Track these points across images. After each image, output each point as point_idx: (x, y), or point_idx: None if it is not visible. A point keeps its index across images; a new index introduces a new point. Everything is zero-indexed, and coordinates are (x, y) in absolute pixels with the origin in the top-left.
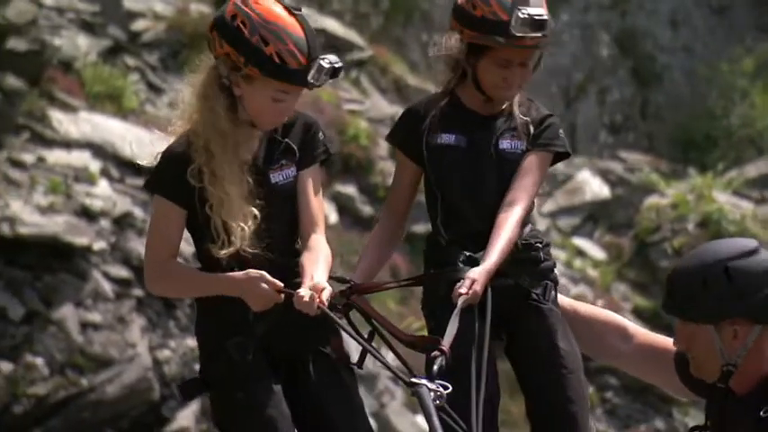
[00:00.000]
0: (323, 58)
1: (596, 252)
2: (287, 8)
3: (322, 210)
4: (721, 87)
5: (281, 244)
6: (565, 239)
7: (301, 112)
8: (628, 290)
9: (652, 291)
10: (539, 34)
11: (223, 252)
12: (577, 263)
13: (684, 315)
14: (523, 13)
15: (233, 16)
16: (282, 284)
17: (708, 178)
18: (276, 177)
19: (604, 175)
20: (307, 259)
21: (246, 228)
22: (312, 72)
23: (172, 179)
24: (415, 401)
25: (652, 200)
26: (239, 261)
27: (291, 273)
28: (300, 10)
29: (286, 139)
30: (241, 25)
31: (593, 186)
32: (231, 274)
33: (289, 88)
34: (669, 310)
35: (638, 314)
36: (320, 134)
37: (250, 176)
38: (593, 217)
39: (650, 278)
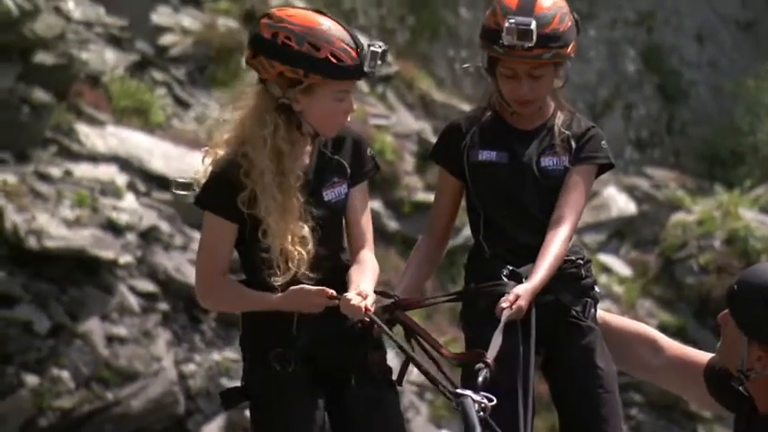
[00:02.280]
0: (371, 45)
1: (622, 268)
2: (317, 11)
3: (370, 225)
4: (747, 103)
5: (329, 260)
6: (591, 256)
7: (349, 128)
8: (653, 306)
9: (678, 307)
10: (527, 44)
11: (282, 279)
12: (603, 279)
13: (733, 311)
14: (510, 22)
15: (274, 35)
16: (333, 291)
17: (734, 195)
18: (329, 195)
19: (630, 191)
20: (355, 271)
21: (304, 252)
22: (367, 61)
23: (224, 196)
24: (440, 416)
25: (678, 216)
26: (291, 284)
27: (336, 288)
28: (326, 11)
29: (336, 156)
30: (286, 41)
31: (620, 203)
32: (276, 294)
33: (349, 84)
34: (728, 296)
35: (664, 330)
36: (369, 150)
37: (302, 194)
38: (619, 233)
39: (676, 295)
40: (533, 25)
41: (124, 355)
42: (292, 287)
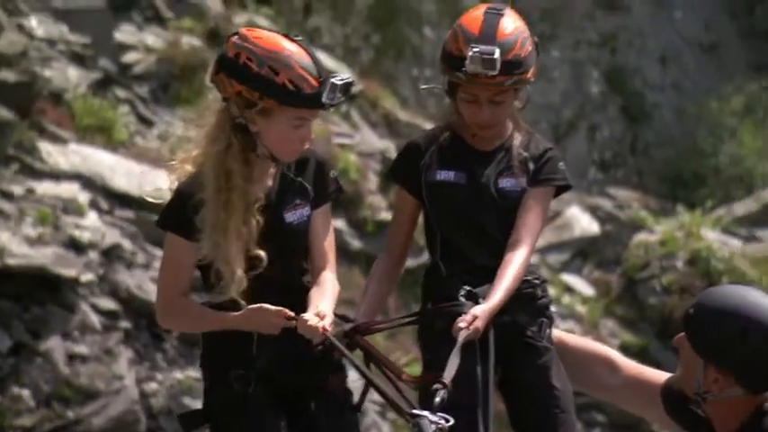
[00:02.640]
0: (334, 76)
1: (585, 288)
2: (286, 36)
3: (333, 247)
4: (710, 125)
5: (289, 282)
6: (553, 276)
7: (313, 150)
8: (616, 326)
9: (640, 327)
10: (491, 72)
11: (222, 298)
12: (566, 299)
13: (688, 333)
14: (474, 51)
15: (236, 55)
16: (291, 312)
17: (696, 216)
18: (290, 217)
19: (593, 211)
20: (314, 292)
21: (243, 274)
22: (326, 92)
23: (184, 216)
24: None
25: (641, 237)
26: (236, 304)
27: (298, 310)
28: (299, 37)
29: (299, 178)
30: (247, 61)
31: (583, 223)
32: (234, 313)
33: (306, 113)
34: (684, 319)
35: (626, 350)
36: (332, 172)
37: (261, 216)
38: (582, 253)
39: (638, 315)
40: (497, 54)
41: (85, 373)
42: (251, 306)
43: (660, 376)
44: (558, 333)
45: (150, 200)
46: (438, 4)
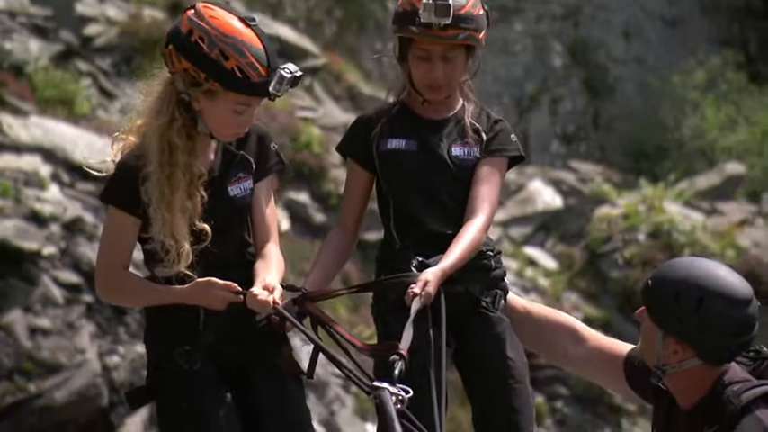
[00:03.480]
0: (283, 68)
1: (548, 262)
2: (242, 20)
3: (276, 220)
4: (673, 99)
5: (233, 255)
6: (516, 249)
7: (255, 123)
8: (579, 299)
9: (603, 300)
10: (444, 20)
11: (168, 272)
12: (529, 272)
13: (648, 306)
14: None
15: (189, 31)
16: (237, 286)
17: (659, 189)
18: (234, 191)
19: (556, 184)
20: (260, 266)
21: (189, 248)
22: (273, 83)
23: (127, 191)
24: (365, 409)
25: (603, 210)
26: (186, 279)
27: (242, 284)
28: (255, 20)
29: (241, 152)
30: (199, 41)
31: (545, 196)
32: (180, 287)
33: (250, 100)
34: (642, 292)
35: (589, 324)
36: (273, 145)
37: (205, 190)
38: (545, 227)
39: (601, 288)
40: (450, 1)
41: (47, 346)
42: (198, 279)
43: (624, 347)
44: (522, 302)
45: (91, 171)
46: None
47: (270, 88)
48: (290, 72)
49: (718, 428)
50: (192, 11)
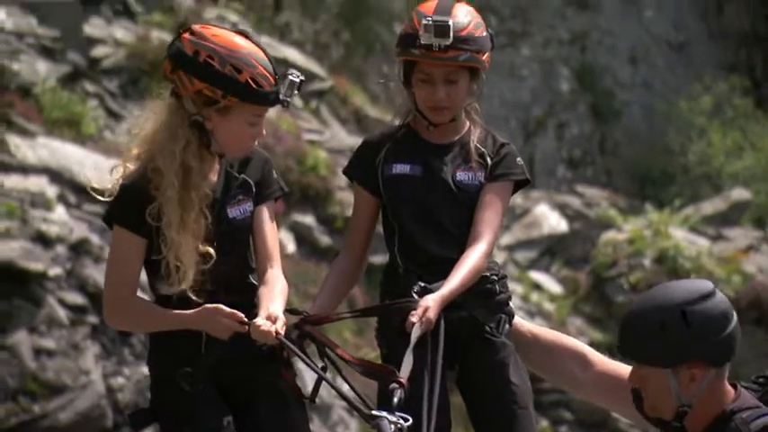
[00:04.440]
0: (290, 73)
1: (553, 286)
2: (240, 34)
3: (277, 244)
4: (679, 124)
5: (235, 279)
6: (522, 273)
7: (256, 148)
8: (584, 324)
9: (608, 325)
10: (444, 42)
11: (172, 291)
12: (534, 297)
13: (640, 359)
14: (426, 20)
15: (196, 53)
16: (243, 315)
17: (664, 214)
18: (234, 212)
19: (562, 209)
20: (264, 292)
21: (195, 269)
22: (284, 89)
23: (132, 211)
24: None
25: (609, 235)
26: (188, 299)
27: (244, 308)
28: (249, 32)
29: (243, 175)
30: (209, 59)
31: (551, 220)
32: (188, 312)
33: (263, 111)
34: (623, 352)
35: (594, 348)
36: (274, 172)
37: (210, 212)
38: (551, 251)
39: (606, 313)
40: (450, 22)
41: (52, 367)
42: (207, 305)
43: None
44: (529, 326)
45: (95, 195)
46: (407, 0)
47: (281, 95)
48: (297, 76)
49: None
50: (189, 33)
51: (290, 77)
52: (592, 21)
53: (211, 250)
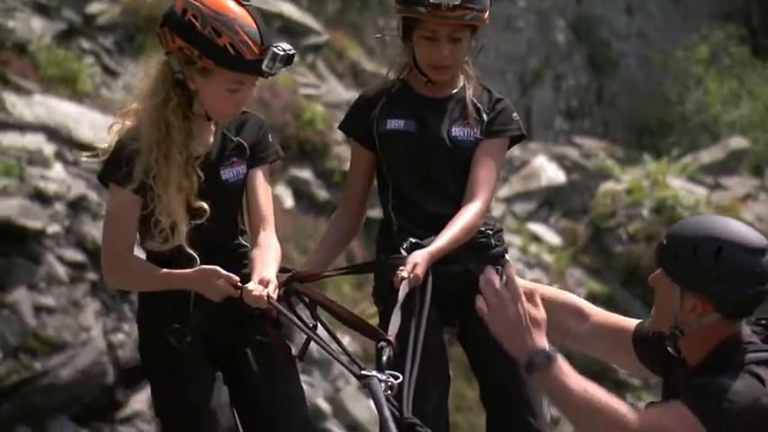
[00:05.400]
0: (276, 46)
1: (552, 237)
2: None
3: (271, 207)
4: (676, 74)
5: (225, 239)
6: (520, 225)
7: (251, 111)
8: (583, 275)
9: (607, 276)
10: (454, 1)
11: (164, 247)
12: (533, 248)
13: (663, 264)
14: None
15: (183, 11)
16: (238, 279)
17: (662, 164)
18: (227, 174)
19: (560, 160)
20: (257, 256)
21: (185, 225)
22: (266, 61)
23: (126, 169)
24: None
25: (607, 186)
26: (181, 255)
27: (233, 269)
28: (249, 0)
29: (238, 137)
30: (192, 19)
31: (549, 172)
32: (186, 271)
33: (244, 78)
34: (657, 251)
35: (593, 299)
36: (270, 136)
37: (201, 171)
38: (549, 202)
39: (605, 264)
40: None
41: (52, 324)
42: (203, 266)
43: (630, 322)
44: (525, 283)
45: (88, 159)
46: None
47: (263, 66)
48: (284, 50)
49: (703, 382)
50: None
51: (275, 49)
52: None
53: (205, 205)
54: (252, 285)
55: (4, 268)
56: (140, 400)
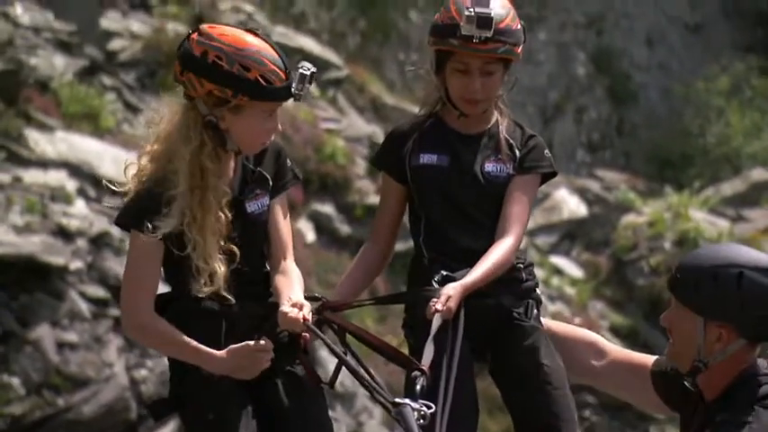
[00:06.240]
0: (300, 67)
1: (573, 270)
2: (249, 31)
3: (290, 235)
4: (697, 106)
5: (254, 271)
6: (542, 258)
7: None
8: (605, 308)
9: (629, 309)
10: (486, 33)
11: (206, 290)
12: (555, 281)
13: (683, 297)
14: (469, 11)
15: (204, 53)
16: (264, 342)
17: (684, 196)
18: (252, 207)
19: (582, 193)
20: (282, 283)
21: (225, 268)
22: (295, 83)
23: (149, 215)
24: (392, 421)
25: (629, 218)
26: (218, 298)
27: (263, 298)
28: (259, 30)
29: (259, 168)
30: (217, 60)
31: (571, 205)
32: (213, 352)
33: (276, 106)
34: (672, 285)
35: (615, 332)
36: (288, 160)
37: (228, 209)
38: (571, 235)
39: (627, 296)
40: (492, 14)
41: (75, 361)
42: (232, 346)
43: (646, 359)
44: (544, 320)
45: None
46: None
47: (292, 89)
48: (308, 69)
49: (729, 416)
50: (197, 34)
51: (301, 71)
52: (607, 3)
53: (235, 248)
54: (286, 308)
55: (27, 305)
56: None
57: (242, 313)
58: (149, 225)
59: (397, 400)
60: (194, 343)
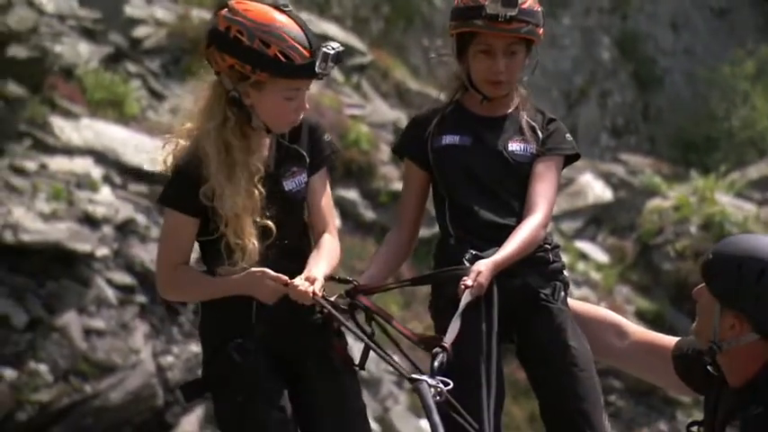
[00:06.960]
0: (325, 46)
1: (599, 255)
2: (276, 7)
3: (332, 210)
4: (722, 90)
5: (294, 249)
6: (567, 243)
7: (306, 116)
8: (631, 292)
9: (655, 293)
10: (511, 12)
11: (232, 270)
12: (580, 266)
13: (707, 279)
14: None
15: (227, 28)
16: (287, 278)
17: (710, 180)
18: (289, 185)
19: (606, 178)
20: (312, 256)
21: (256, 244)
22: (318, 62)
23: (185, 194)
24: (419, 405)
25: (654, 202)
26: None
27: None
28: (288, 6)
29: (294, 145)
30: (238, 35)
31: (596, 189)
32: (235, 276)
33: (298, 83)
34: (702, 266)
35: (641, 317)
36: (326, 136)
37: (263, 186)
38: (596, 220)
39: (653, 281)
40: None
41: (102, 347)
42: (251, 269)
43: (669, 340)
44: (568, 301)
45: (153, 170)
46: None
47: (315, 68)
48: (333, 48)
49: (764, 411)
50: (226, 9)
51: (324, 49)
52: None
53: (271, 224)
54: (298, 281)
55: (53, 292)
56: (190, 422)
57: None
58: (184, 204)
59: (414, 375)
60: (218, 277)
